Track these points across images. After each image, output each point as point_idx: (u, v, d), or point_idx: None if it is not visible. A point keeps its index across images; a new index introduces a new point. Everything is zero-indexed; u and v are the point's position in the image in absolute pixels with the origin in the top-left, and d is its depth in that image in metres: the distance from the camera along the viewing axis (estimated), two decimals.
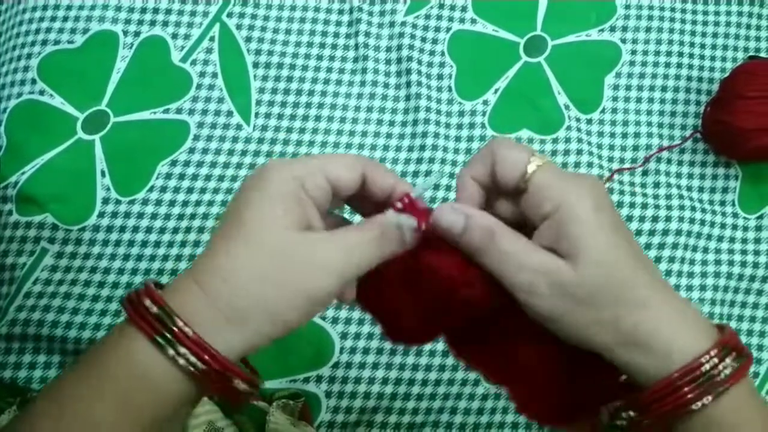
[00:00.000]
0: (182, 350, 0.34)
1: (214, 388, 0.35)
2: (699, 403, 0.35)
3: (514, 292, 0.37)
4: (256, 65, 0.78)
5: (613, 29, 0.80)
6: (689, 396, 0.35)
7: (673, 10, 0.81)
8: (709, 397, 0.35)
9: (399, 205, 0.39)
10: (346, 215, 0.42)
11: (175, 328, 0.34)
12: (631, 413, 0.37)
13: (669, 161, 0.76)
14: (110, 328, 0.65)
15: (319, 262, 0.36)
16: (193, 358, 0.34)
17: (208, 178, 0.74)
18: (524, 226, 0.39)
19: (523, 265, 0.37)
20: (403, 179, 0.40)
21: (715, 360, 0.36)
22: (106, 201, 0.73)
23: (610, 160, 0.76)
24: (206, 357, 0.34)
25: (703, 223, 0.73)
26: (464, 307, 0.40)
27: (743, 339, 0.71)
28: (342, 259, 0.36)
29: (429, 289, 0.40)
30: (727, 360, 0.36)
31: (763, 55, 0.80)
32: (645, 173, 0.75)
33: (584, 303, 0.36)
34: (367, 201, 0.41)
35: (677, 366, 0.35)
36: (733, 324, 0.72)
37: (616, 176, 0.75)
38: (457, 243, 0.38)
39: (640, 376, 0.36)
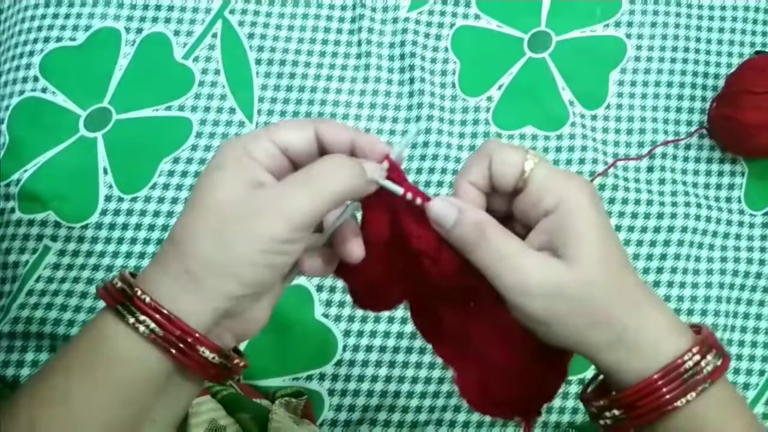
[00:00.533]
0: (141, 317, 0.34)
1: (183, 359, 0.35)
2: (683, 400, 0.35)
3: (506, 293, 0.36)
4: (258, 62, 0.78)
5: (618, 25, 0.80)
6: (673, 393, 0.36)
7: (678, 5, 0.80)
8: (693, 394, 0.36)
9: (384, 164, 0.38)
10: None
11: (134, 297, 0.35)
12: (616, 412, 0.37)
13: (674, 157, 0.75)
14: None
15: (258, 210, 0.35)
16: (152, 324, 0.34)
17: None
18: (512, 228, 0.39)
19: (518, 265, 0.36)
20: (361, 131, 0.38)
21: (697, 357, 0.36)
22: (108, 198, 0.73)
23: (615, 156, 0.75)
24: (164, 321, 0.34)
25: (708, 219, 0.73)
26: (430, 283, 0.39)
27: (750, 337, 0.71)
28: (288, 206, 0.35)
29: (399, 257, 0.39)
30: (708, 357, 0.36)
31: None
32: (650, 170, 0.75)
33: (580, 304, 0.36)
34: None
35: (662, 364, 0.36)
36: (738, 322, 0.71)
37: (621, 172, 0.74)
38: (448, 237, 0.38)
39: (626, 376, 0.37)
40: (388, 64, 0.78)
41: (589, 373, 0.68)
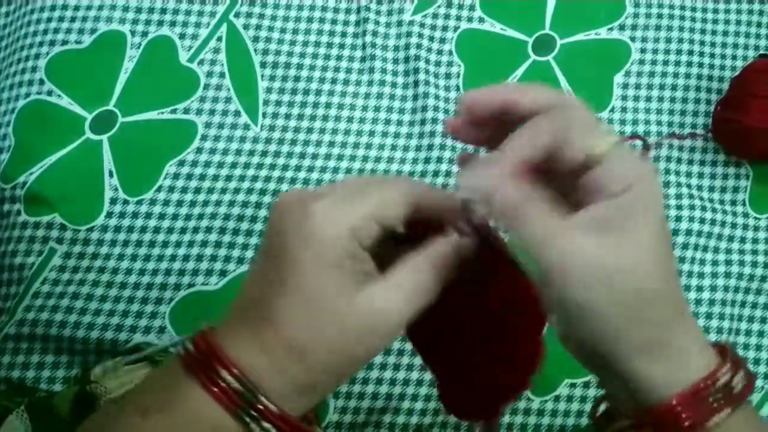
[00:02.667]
0: (266, 425, 0.35)
1: None
2: (716, 418, 0.34)
3: (547, 275, 0.34)
4: (263, 65, 0.78)
5: (622, 28, 0.80)
6: (707, 410, 0.34)
7: (682, 8, 0.81)
8: (729, 410, 0.34)
9: (465, 229, 0.38)
10: None
11: (258, 405, 0.34)
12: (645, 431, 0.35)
13: (679, 161, 0.76)
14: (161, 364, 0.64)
15: (385, 323, 0.35)
16: (275, 431, 0.35)
17: (215, 178, 0.74)
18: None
19: (564, 242, 0.33)
20: (454, 193, 0.38)
21: (730, 374, 0.35)
22: (114, 201, 0.73)
23: None
24: (288, 428, 0.35)
25: (713, 223, 0.73)
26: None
27: (755, 340, 0.71)
28: (402, 308, 0.36)
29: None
30: (739, 375, 0.35)
31: None
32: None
33: (629, 289, 0.33)
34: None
35: (695, 378, 0.34)
36: (743, 326, 0.71)
37: None
38: (483, 210, 0.36)
39: (655, 387, 0.35)
40: (393, 67, 0.79)
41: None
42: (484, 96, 0.38)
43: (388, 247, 0.38)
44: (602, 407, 0.40)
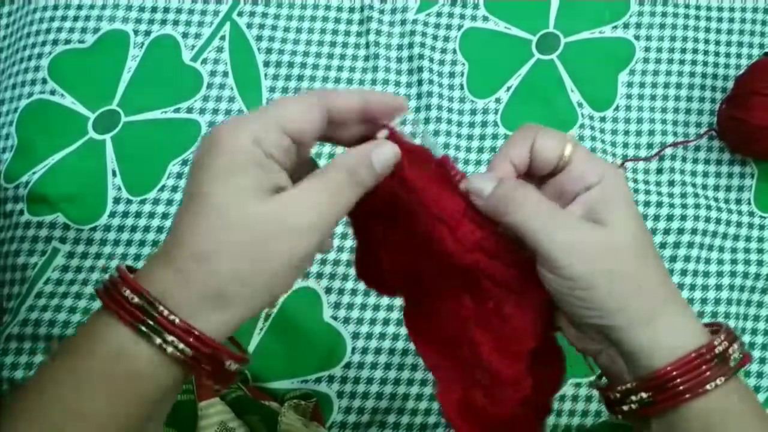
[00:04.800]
0: (169, 338, 0.33)
1: (204, 371, 0.35)
2: (713, 384, 0.36)
3: (549, 251, 0.36)
4: (266, 64, 0.78)
5: (626, 26, 0.80)
6: (705, 375, 0.36)
7: (687, 6, 0.80)
8: (723, 378, 0.36)
9: (383, 135, 0.38)
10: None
11: (159, 316, 0.33)
12: (643, 395, 0.37)
13: (684, 159, 0.75)
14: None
15: (291, 226, 0.34)
16: (181, 345, 0.33)
17: None
18: None
19: (563, 223, 0.37)
20: (368, 91, 0.38)
21: (726, 344, 0.37)
22: (117, 200, 0.73)
23: (624, 157, 0.75)
24: (194, 342, 0.33)
25: (718, 221, 0.73)
26: (438, 260, 0.38)
27: (761, 339, 0.70)
28: (315, 217, 0.35)
29: (412, 220, 0.38)
30: (735, 346, 0.37)
31: None
32: (660, 171, 0.74)
33: (626, 266, 0.36)
34: (342, 128, 0.39)
35: (695, 345, 0.36)
36: (749, 324, 0.71)
37: (630, 174, 0.74)
38: (486, 202, 0.38)
39: (656, 356, 0.36)
40: (397, 66, 0.78)
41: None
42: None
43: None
44: (604, 379, 0.42)
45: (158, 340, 0.33)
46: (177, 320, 0.33)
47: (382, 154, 0.37)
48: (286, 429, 0.59)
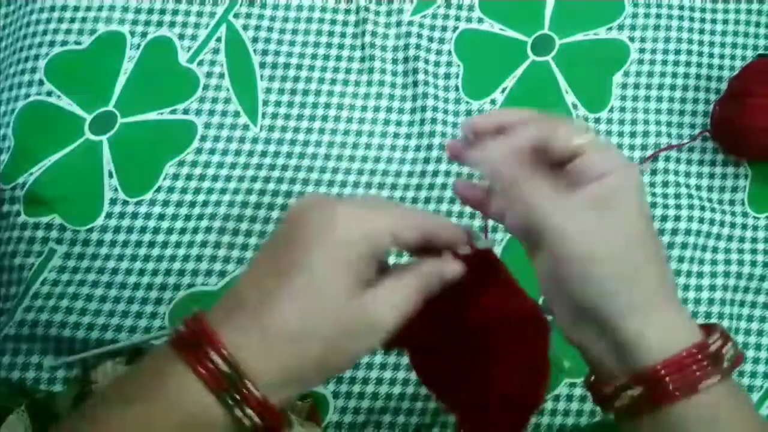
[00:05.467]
0: (248, 411, 0.34)
1: None
2: (707, 382, 0.36)
3: (551, 229, 0.38)
4: (262, 65, 0.78)
5: (621, 28, 0.80)
6: (700, 373, 0.36)
7: (681, 8, 0.81)
8: (717, 377, 0.36)
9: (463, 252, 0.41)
10: None
11: (244, 390, 0.34)
12: (636, 391, 0.37)
13: (678, 160, 0.76)
14: (152, 354, 0.67)
15: (378, 324, 0.37)
16: (257, 419, 0.35)
17: (215, 178, 0.74)
18: None
19: (567, 204, 0.38)
20: (460, 231, 0.41)
21: (720, 343, 0.37)
22: (113, 202, 0.73)
23: None
24: (269, 417, 0.35)
25: (712, 222, 0.73)
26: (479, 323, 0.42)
27: (754, 339, 0.71)
28: (393, 318, 0.37)
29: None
30: (728, 346, 0.37)
31: None
32: (654, 172, 0.75)
33: (626, 250, 0.37)
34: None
35: (689, 343, 0.36)
36: (743, 324, 0.71)
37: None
38: (499, 176, 0.40)
39: (649, 349, 0.37)
40: (392, 68, 0.79)
41: None
42: (483, 119, 0.42)
43: None
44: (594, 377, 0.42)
45: (239, 413, 0.34)
46: (260, 397, 0.35)
47: (455, 272, 0.40)
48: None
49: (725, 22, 0.80)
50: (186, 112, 0.76)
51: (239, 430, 0.35)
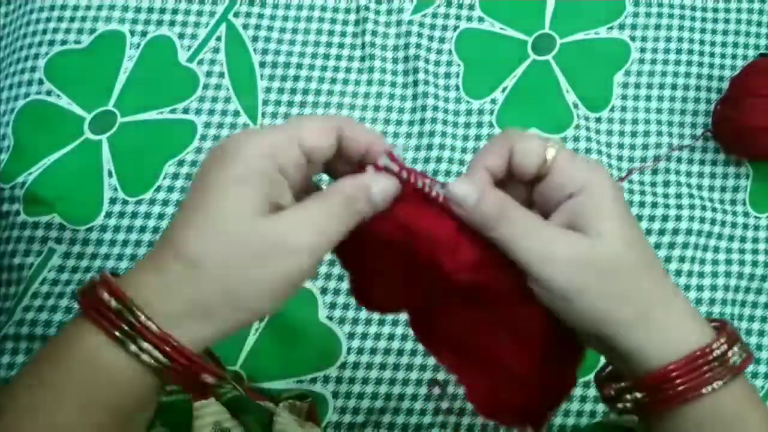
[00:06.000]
0: (145, 345, 0.32)
1: (178, 381, 0.34)
2: (710, 387, 0.35)
3: (531, 265, 0.35)
4: (262, 65, 0.78)
5: (622, 27, 0.80)
6: (699, 380, 0.35)
7: (682, 7, 0.80)
8: (720, 383, 0.35)
9: (380, 163, 0.37)
10: None
11: (136, 323, 0.32)
12: (638, 395, 0.37)
13: (679, 160, 0.75)
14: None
15: (287, 246, 0.33)
16: (157, 353, 0.32)
17: None
18: None
19: (544, 236, 0.36)
20: (380, 135, 0.38)
21: (725, 347, 0.36)
22: (113, 201, 0.73)
23: (620, 159, 0.75)
24: (171, 351, 0.32)
25: (713, 222, 0.73)
26: (440, 281, 0.38)
27: (755, 340, 0.71)
28: (311, 239, 0.34)
29: (409, 252, 0.37)
30: (735, 349, 0.36)
31: None
32: (655, 172, 0.75)
33: (607, 275, 0.36)
34: (341, 162, 0.38)
35: (688, 350, 0.36)
36: (744, 324, 0.71)
37: (625, 174, 0.74)
38: (469, 216, 0.37)
39: (649, 359, 0.36)
40: (392, 67, 0.78)
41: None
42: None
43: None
44: (608, 370, 0.41)
45: (133, 347, 0.32)
46: (154, 328, 0.32)
47: (383, 187, 0.36)
48: (281, 429, 0.59)
49: (726, 21, 0.80)
50: (186, 111, 0.76)
51: (150, 388, 0.34)
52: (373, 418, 0.67)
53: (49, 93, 0.76)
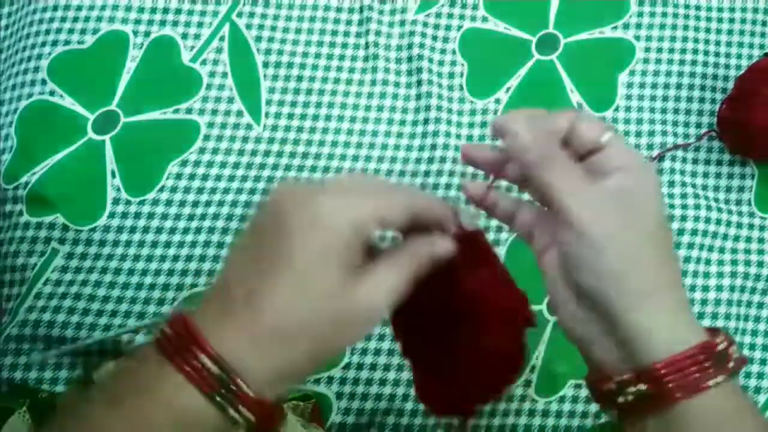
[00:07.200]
0: (243, 410, 0.34)
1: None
2: (713, 381, 0.36)
3: (569, 209, 0.37)
4: (266, 65, 0.78)
5: (626, 26, 0.79)
6: (707, 372, 0.36)
7: (687, 7, 0.80)
8: (723, 376, 0.36)
9: (453, 233, 0.41)
10: None
11: (237, 391, 0.34)
12: (642, 387, 0.37)
13: (684, 160, 0.75)
14: (132, 350, 0.65)
15: (367, 315, 0.36)
16: (251, 416, 0.34)
17: (218, 178, 0.74)
18: None
19: (584, 185, 0.38)
20: (449, 209, 0.41)
21: (725, 344, 0.37)
22: (116, 201, 0.73)
23: None
24: (263, 415, 0.35)
25: (718, 222, 0.72)
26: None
27: (761, 341, 0.70)
28: (385, 303, 0.37)
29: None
30: (734, 347, 0.37)
31: None
32: (660, 172, 0.74)
33: (638, 241, 0.37)
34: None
35: (695, 341, 0.36)
36: (750, 325, 0.70)
37: None
38: (518, 149, 0.39)
39: (652, 342, 0.37)
40: (396, 67, 0.78)
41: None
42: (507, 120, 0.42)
43: None
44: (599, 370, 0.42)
45: (232, 412, 0.34)
46: (252, 395, 0.34)
47: (446, 249, 0.40)
48: (284, 430, 0.59)
49: (731, 21, 0.80)
50: (189, 111, 0.76)
51: (232, 426, 0.35)
52: (377, 419, 0.67)
53: (52, 93, 0.76)
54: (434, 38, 0.79)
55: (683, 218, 0.72)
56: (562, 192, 0.38)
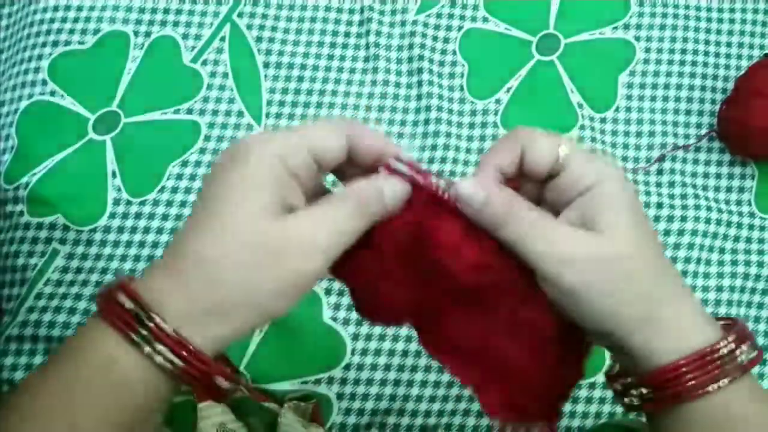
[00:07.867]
0: (159, 347, 0.33)
1: (192, 384, 0.34)
2: (714, 386, 0.35)
3: (539, 264, 0.36)
4: (266, 65, 0.78)
5: (627, 27, 0.80)
6: (704, 378, 0.35)
7: (687, 7, 0.80)
8: (725, 381, 0.35)
9: (392, 166, 0.37)
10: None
11: (151, 325, 0.33)
12: (643, 390, 0.37)
13: (684, 161, 0.75)
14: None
15: (301, 247, 0.34)
16: (171, 356, 0.33)
17: None
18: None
19: (552, 234, 0.36)
20: (390, 137, 0.38)
21: (732, 346, 0.36)
22: (117, 202, 0.73)
23: (625, 159, 0.75)
24: (186, 354, 0.33)
25: (719, 222, 0.72)
26: (446, 283, 0.38)
27: (761, 341, 0.70)
28: (324, 239, 0.35)
29: (418, 255, 0.37)
30: (743, 347, 0.36)
31: None
32: (660, 172, 0.74)
33: (616, 274, 0.36)
34: (351, 165, 0.39)
35: (694, 348, 0.36)
36: (750, 325, 0.71)
37: (630, 175, 0.74)
38: (477, 215, 0.37)
39: (656, 357, 0.36)
40: (396, 67, 0.78)
41: (600, 377, 0.67)
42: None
43: None
44: (618, 367, 0.41)
45: (148, 349, 0.33)
46: (169, 330, 0.33)
47: (394, 189, 0.37)
48: (285, 430, 0.59)
49: (731, 21, 0.80)
50: (190, 111, 0.76)
51: (165, 389, 0.34)
52: (378, 419, 0.67)
53: (52, 93, 0.76)
54: (434, 38, 0.79)
55: (683, 219, 0.72)
56: (529, 253, 0.36)
